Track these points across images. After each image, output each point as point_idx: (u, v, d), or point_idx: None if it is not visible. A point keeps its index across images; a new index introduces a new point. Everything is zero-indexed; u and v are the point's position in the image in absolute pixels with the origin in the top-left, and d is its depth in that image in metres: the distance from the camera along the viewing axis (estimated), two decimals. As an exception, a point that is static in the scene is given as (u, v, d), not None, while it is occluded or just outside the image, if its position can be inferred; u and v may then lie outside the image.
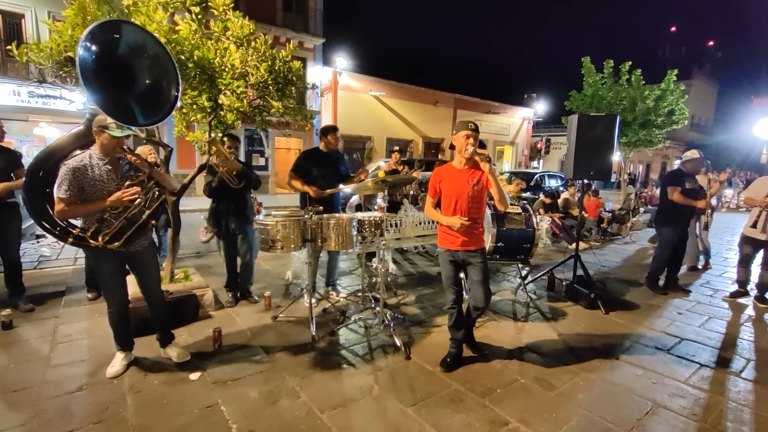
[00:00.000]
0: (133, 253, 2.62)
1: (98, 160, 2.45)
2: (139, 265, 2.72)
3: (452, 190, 2.72)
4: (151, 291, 2.80)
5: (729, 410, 2.46)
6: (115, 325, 2.68)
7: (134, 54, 2.44)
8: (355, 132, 17.52)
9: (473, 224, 2.72)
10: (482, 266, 2.75)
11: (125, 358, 2.73)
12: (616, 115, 4.38)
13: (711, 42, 45.05)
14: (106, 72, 2.27)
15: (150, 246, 2.77)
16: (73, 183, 2.33)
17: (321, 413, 2.31)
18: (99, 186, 2.42)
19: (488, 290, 2.80)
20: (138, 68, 2.46)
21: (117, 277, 2.63)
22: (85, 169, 2.39)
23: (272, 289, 4.28)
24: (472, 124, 2.67)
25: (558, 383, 2.70)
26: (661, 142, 11.08)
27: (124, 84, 2.41)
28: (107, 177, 2.46)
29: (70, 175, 2.33)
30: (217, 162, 3.57)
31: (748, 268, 4.58)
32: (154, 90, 2.50)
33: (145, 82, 2.48)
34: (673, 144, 25.70)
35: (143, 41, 2.49)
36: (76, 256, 5.74)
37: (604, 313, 3.97)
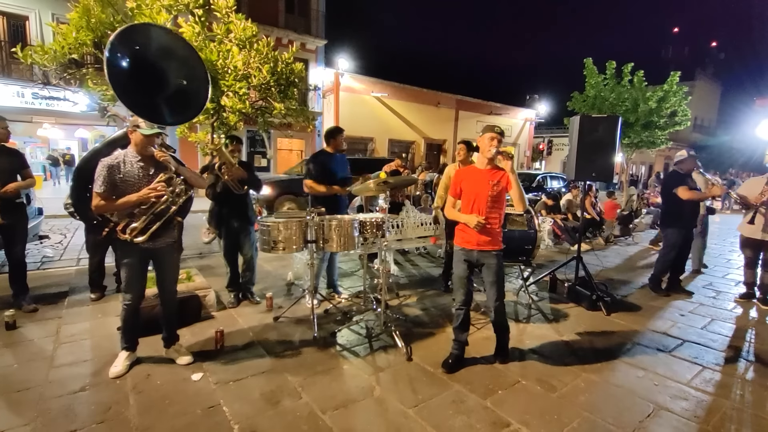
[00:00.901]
0: (158, 249, 2.68)
1: (132, 158, 2.56)
2: (161, 262, 2.78)
3: (472, 190, 2.78)
4: (166, 289, 2.87)
5: (732, 413, 2.45)
6: (126, 320, 2.72)
7: (163, 56, 2.51)
8: (357, 133, 17.54)
9: (490, 225, 2.75)
10: (496, 268, 2.78)
11: (128, 358, 2.74)
12: (618, 116, 4.38)
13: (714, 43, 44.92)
14: (135, 74, 2.35)
15: (174, 244, 2.81)
16: (107, 179, 2.45)
17: (323, 414, 2.32)
18: (130, 182, 2.51)
19: (501, 292, 2.82)
20: (167, 70, 2.53)
21: (139, 272, 2.69)
22: (118, 166, 2.50)
23: (274, 290, 4.29)
24: (498, 128, 2.79)
25: (559, 385, 2.70)
26: (664, 144, 11.06)
27: (153, 85, 2.48)
28: (139, 174, 2.54)
29: (105, 171, 2.45)
30: (223, 170, 3.61)
31: (755, 269, 4.57)
32: (182, 91, 2.57)
33: (173, 84, 2.55)
34: (675, 145, 25.59)
35: (172, 44, 2.54)
36: (79, 257, 5.78)
37: (605, 315, 3.97)
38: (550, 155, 26.23)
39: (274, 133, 15.73)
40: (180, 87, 2.61)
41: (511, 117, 23.34)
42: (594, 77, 10.84)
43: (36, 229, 5.72)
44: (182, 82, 2.63)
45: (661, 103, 10.28)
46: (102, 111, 3.43)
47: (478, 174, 2.80)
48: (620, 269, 5.94)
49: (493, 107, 22.27)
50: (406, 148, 19.36)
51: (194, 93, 2.71)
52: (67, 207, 3.95)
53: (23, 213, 3.71)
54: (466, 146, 4.26)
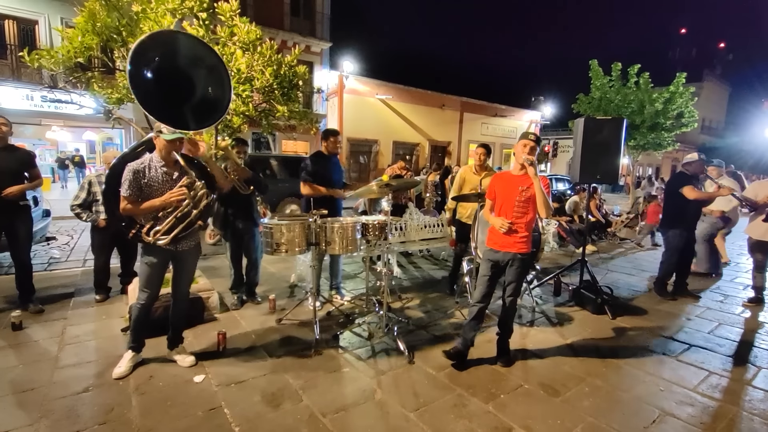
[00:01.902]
0: (180, 252, 2.72)
1: (156, 163, 2.60)
2: (181, 264, 2.82)
3: (503, 194, 2.91)
4: (180, 289, 2.90)
5: (739, 419, 2.41)
6: (137, 319, 2.75)
7: (190, 65, 2.54)
8: (362, 135, 17.58)
9: (517, 228, 2.82)
10: (518, 269, 2.86)
11: (132, 359, 2.76)
12: (622, 118, 4.34)
13: (722, 44, 44.53)
14: (159, 82, 2.37)
15: (195, 248, 2.86)
16: (133, 183, 2.51)
17: (323, 417, 2.31)
18: (155, 186, 2.56)
19: (517, 291, 2.93)
20: (194, 78, 2.56)
21: (158, 273, 2.73)
22: (144, 171, 2.55)
23: (277, 292, 4.30)
24: (532, 135, 2.86)
25: (563, 389, 2.67)
26: (671, 145, 10.97)
27: (178, 93, 2.51)
28: (163, 179, 2.59)
29: (131, 175, 2.51)
30: (229, 170, 3.63)
31: (764, 273, 4.50)
32: (206, 98, 2.60)
33: (199, 92, 2.59)
34: (683, 147, 25.36)
35: (198, 52, 2.57)
36: (85, 258, 5.83)
37: (611, 319, 3.93)
38: (555, 157, 26.01)
39: (279, 135, 15.82)
40: (205, 95, 2.63)
41: (516, 119, 23.26)
42: (599, 79, 10.79)
43: (43, 231, 5.79)
44: (209, 91, 2.64)
45: (667, 104, 10.21)
46: (107, 114, 3.46)
47: (510, 179, 2.90)
48: (626, 272, 5.88)
49: (498, 109, 22.22)
50: (410, 150, 19.36)
51: (218, 100, 2.72)
52: (74, 209, 3.99)
53: (27, 216, 3.74)
54: (485, 150, 4.25)
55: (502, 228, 2.81)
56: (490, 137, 21.15)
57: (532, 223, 2.90)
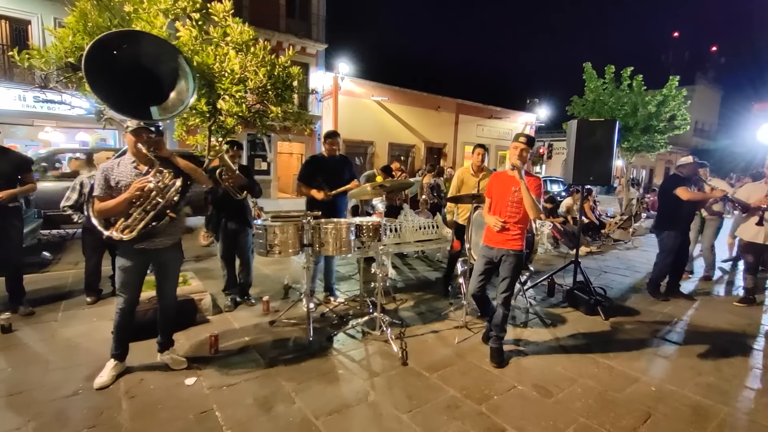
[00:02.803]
0: (156, 252, 2.64)
1: (126, 160, 2.58)
2: (159, 264, 2.74)
3: (497, 193, 3.03)
4: (165, 294, 2.83)
5: (730, 419, 2.43)
6: (119, 324, 2.68)
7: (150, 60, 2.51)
8: (357, 137, 17.57)
9: (509, 227, 2.93)
10: (510, 265, 2.95)
11: (115, 368, 2.68)
12: (615, 121, 4.38)
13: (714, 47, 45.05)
14: (115, 78, 2.35)
15: (174, 247, 2.76)
16: (103, 182, 2.50)
17: (316, 419, 2.30)
18: (122, 182, 2.51)
19: (509, 287, 2.96)
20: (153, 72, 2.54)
21: (134, 277, 2.66)
22: (112, 168, 2.54)
23: (271, 294, 4.28)
24: (523, 138, 2.96)
25: (556, 390, 2.67)
26: (663, 147, 11.05)
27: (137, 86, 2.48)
28: (130, 173, 2.54)
29: (101, 175, 2.50)
30: (223, 176, 3.61)
31: (756, 275, 4.54)
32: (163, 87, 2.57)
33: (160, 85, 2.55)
34: (676, 149, 25.62)
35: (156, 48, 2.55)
36: (77, 260, 5.77)
37: (604, 320, 3.94)
38: (550, 159, 26.25)
39: (274, 136, 15.79)
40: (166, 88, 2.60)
41: (512, 121, 23.36)
42: (593, 81, 10.85)
43: (35, 233, 5.72)
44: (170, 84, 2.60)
45: (660, 107, 10.29)
46: (98, 114, 3.43)
47: (505, 179, 3.00)
48: (620, 273, 5.91)
49: (494, 111, 22.29)
50: (406, 151, 19.38)
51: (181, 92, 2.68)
52: (65, 210, 3.95)
53: (18, 217, 3.69)
54: (484, 150, 4.26)
55: (495, 226, 2.95)
56: (486, 139, 21.22)
57: (525, 222, 2.96)
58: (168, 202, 2.55)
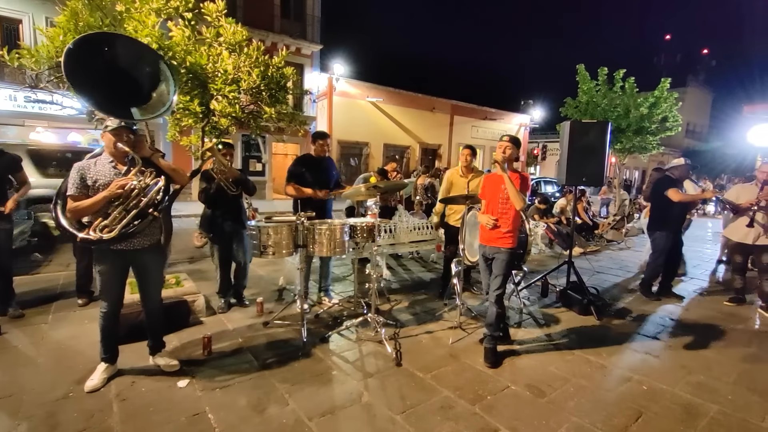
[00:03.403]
0: (136, 252, 2.59)
1: (104, 159, 2.54)
2: (141, 267, 2.69)
3: (489, 193, 3.15)
4: (149, 296, 2.78)
5: (720, 417, 2.45)
6: (104, 328, 2.64)
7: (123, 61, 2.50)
8: (352, 138, 17.57)
9: (500, 224, 3.02)
10: (501, 263, 3.02)
11: (106, 371, 2.65)
12: (607, 122, 4.41)
13: (705, 50, 45.65)
14: (93, 72, 2.35)
15: (154, 247, 2.71)
16: (78, 182, 2.44)
17: (309, 421, 2.29)
18: (100, 181, 2.47)
19: (500, 284, 3.01)
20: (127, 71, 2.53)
21: (115, 277, 2.61)
22: (89, 167, 2.49)
23: (265, 295, 4.27)
24: (505, 136, 3.10)
25: (549, 390, 2.69)
26: (656, 149, 11.16)
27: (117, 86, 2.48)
28: (109, 172, 2.50)
29: (75, 173, 2.44)
30: (216, 170, 3.60)
31: (744, 275, 4.60)
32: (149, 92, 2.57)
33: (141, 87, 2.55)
34: (668, 150, 25.86)
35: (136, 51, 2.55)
36: (69, 261, 5.70)
37: (596, 319, 3.97)
38: (544, 160, 26.40)
39: (269, 137, 15.73)
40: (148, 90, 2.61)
41: (506, 122, 23.47)
42: (586, 83, 10.95)
43: (25, 234, 5.66)
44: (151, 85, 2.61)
45: (652, 109, 10.40)
46: (89, 114, 3.40)
47: (496, 179, 3.11)
48: (613, 274, 5.96)
49: (488, 112, 22.39)
50: (401, 152, 19.40)
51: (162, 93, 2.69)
52: None
53: (7, 218, 3.64)
54: (471, 151, 4.27)
55: (488, 224, 3.05)
56: (480, 140, 21.31)
57: (516, 220, 3.01)
58: (151, 201, 2.51)
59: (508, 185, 2.93)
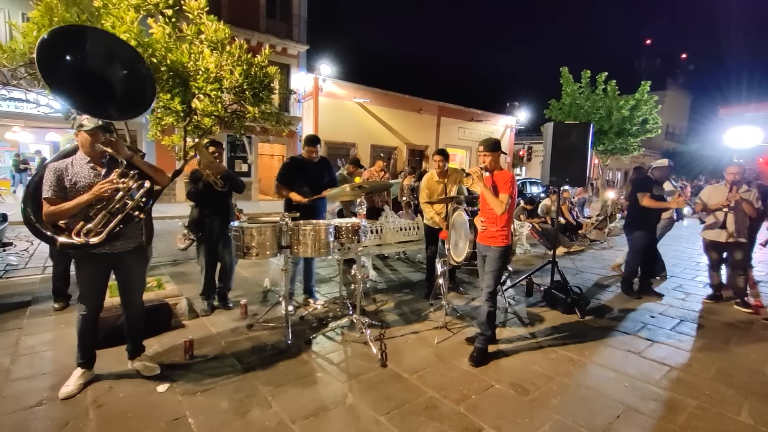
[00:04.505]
0: (118, 255, 2.53)
1: (80, 160, 2.45)
2: (123, 270, 2.63)
3: (481, 197, 3.21)
4: (130, 300, 2.72)
5: (698, 412, 2.51)
6: (82, 331, 2.56)
7: (101, 57, 2.44)
8: (339, 139, 17.50)
9: (487, 225, 3.12)
10: (491, 260, 3.09)
11: (82, 376, 2.57)
12: (589, 123, 4.49)
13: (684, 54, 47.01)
14: (71, 69, 2.28)
15: (137, 250, 2.65)
16: (55, 183, 2.34)
17: (292, 423, 2.26)
18: (81, 184, 2.39)
19: (491, 282, 3.07)
20: (106, 69, 2.47)
21: (97, 280, 2.54)
22: (66, 169, 2.40)
23: (250, 297, 4.21)
24: (480, 145, 3.16)
25: (532, 388, 2.71)
26: (636, 150, 11.43)
27: (94, 83, 2.41)
28: (88, 173, 2.42)
29: (52, 175, 2.35)
30: (203, 167, 3.54)
31: (719, 271, 4.74)
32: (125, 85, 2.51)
33: (119, 85, 2.49)
34: (648, 152, 26.47)
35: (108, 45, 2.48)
36: (45, 264, 5.54)
37: (580, 318, 4.02)
38: (530, 161, 26.73)
39: (255, 138, 15.56)
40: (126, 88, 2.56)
41: (492, 124, 23.68)
42: (570, 85, 11.15)
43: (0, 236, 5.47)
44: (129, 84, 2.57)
45: (633, 111, 10.64)
46: (66, 113, 3.31)
47: (486, 182, 3.15)
48: (596, 273, 6.05)
49: (475, 114, 22.55)
50: (388, 153, 19.40)
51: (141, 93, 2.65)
52: None
53: None
54: (443, 156, 4.28)
55: (480, 227, 3.18)
56: (467, 141, 21.46)
57: (502, 219, 3.04)
58: (136, 204, 2.46)
59: (485, 195, 3.03)
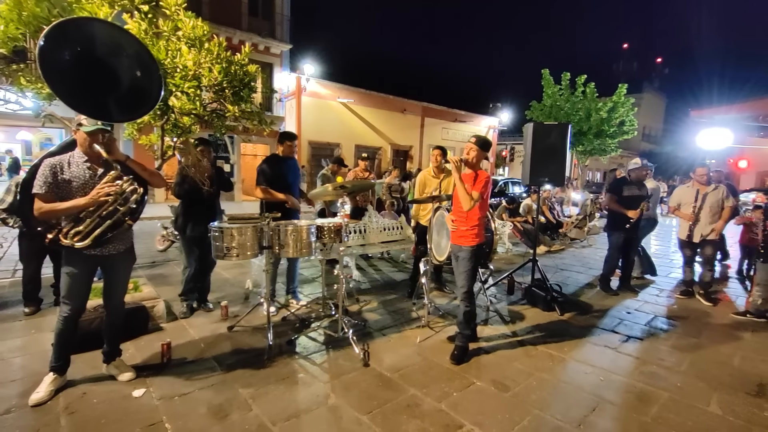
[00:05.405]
0: (108, 257, 2.48)
1: (78, 158, 2.39)
2: (110, 270, 2.59)
3: (454, 195, 3.17)
4: (113, 300, 2.66)
5: (670, 403, 2.59)
6: (61, 333, 2.48)
7: (110, 53, 2.38)
8: (324, 139, 17.42)
9: (457, 224, 3.10)
10: (461, 261, 3.07)
11: (54, 382, 2.48)
12: (568, 124, 4.59)
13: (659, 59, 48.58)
14: (75, 69, 2.21)
15: (127, 253, 2.62)
16: (49, 179, 2.27)
17: (273, 426, 2.24)
18: (76, 183, 2.33)
19: (464, 283, 3.06)
20: (115, 67, 2.41)
21: (82, 283, 2.47)
22: (62, 166, 2.33)
23: (230, 299, 4.14)
24: (473, 137, 3.16)
25: (513, 384, 2.75)
26: (614, 151, 11.74)
27: (98, 82, 2.35)
28: (86, 175, 2.36)
29: (47, 171, 2.27)
30: (189, 165, 3.47)
31: (692, 268, 4.92)
32: (131, 87, 2.44)
33: (124, 81, 2.43)
34: (626, 153, 27.20)
35: (119, 40, 2.42)
36: (15, 267, 5.33)
37: (559, 315, 4.11)
38: (512, 161, 27.13)
39: (237, 138, 15.34)
40: (130, 84, 2.48)
41: (475, 124, 23.94)
42: (551, 87, 11.37)
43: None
44: (134, 81, 2.50)
45: (611, 113, 10.93)
46: (37, 111, 3.19)
47: (461, 175, 3.12)
48: (576, 271, 6.19)
49: (458, 115, 22.78)
50: (372, 154, 19.40)
51: (145, 90, 2.58)
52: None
53: None
54: (442, 152, 4.31)
55: (451, 226, 3.13)
56: (451, 142, 21.63)
57: (472, 218, 3.03)
58: (128, 209, 2.41)
59: (457, 185, 2.99)
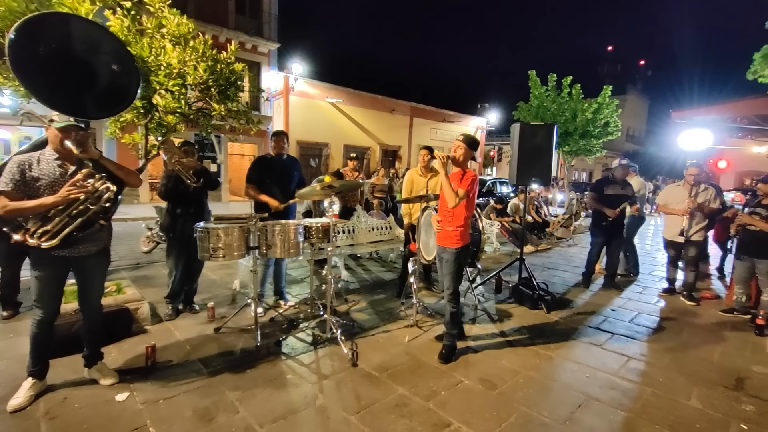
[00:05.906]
0: (78, 258, 2.39)
1: (48, 156, 2.30)
2: (83, 272, 2.49)
3: (441, 195, 3.10)
4: (89, 303, 2.58)
5: (652, 399, 2.64)
6: (35, 337, 2.40)
7: (85, 49, 2.33)
8: (312, 138, 17.33)
9: (443, 224, 3.05)
10: (447, 264, 3.04)
11: (33, 387, 2.41)
12: (554, 124, 4.66)
13: (642, 61, 49.63)
14: (48, 64, 2.15)
15: (100, 254, 2.52)
16: (15, 176, 2.19)
17: (260, 428, 2.22)
18: (45, 182, 2.24)
19: (449, 284, 3.05)
20: (90, 62, 2.35)
21: (53, 285, 2.39)
22: (31, 163, 2.24)
23: (217, 300, 4.09)
24: (461, 136, 3.13)
25: (500, 382, 2.77)
26: (599, 152, 11.95)
27: (73, 77, 2.29)
28: (55, 172, 2.27)
29: (14, 167, 2.20)
30: (173, 162, 3.41)
31: (676, 267, 5.04)
32: (107, 84, 2.39)
33: (99, 78, 2.38)
34: (611, 153, 27.69)
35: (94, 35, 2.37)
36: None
37: (546, 313, 4.16)
38: (500, 161, 27.38)
39: (224, 137, 15.15)
40: (107, 82, 2.44)
41: (463, 124, 24.10)
42: (537, 88, 11.51)
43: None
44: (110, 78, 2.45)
45: (596, 114, 11.12)
46: (15, 109, 3.10)
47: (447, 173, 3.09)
48: (562, 269, 6.27)
49: (446, 115, 22.89)
50: (361, 154, 19.37)
51: (123, 87, 2.53)
52: None
53: None
54: (429, 151, 4.32)
55: (437, 227, 3.10)
56: (439, 142, 21.73)
57: (458, 219, 2.99)
58: (99, 208, 2.33)
59: (443, 182, 2.91)
